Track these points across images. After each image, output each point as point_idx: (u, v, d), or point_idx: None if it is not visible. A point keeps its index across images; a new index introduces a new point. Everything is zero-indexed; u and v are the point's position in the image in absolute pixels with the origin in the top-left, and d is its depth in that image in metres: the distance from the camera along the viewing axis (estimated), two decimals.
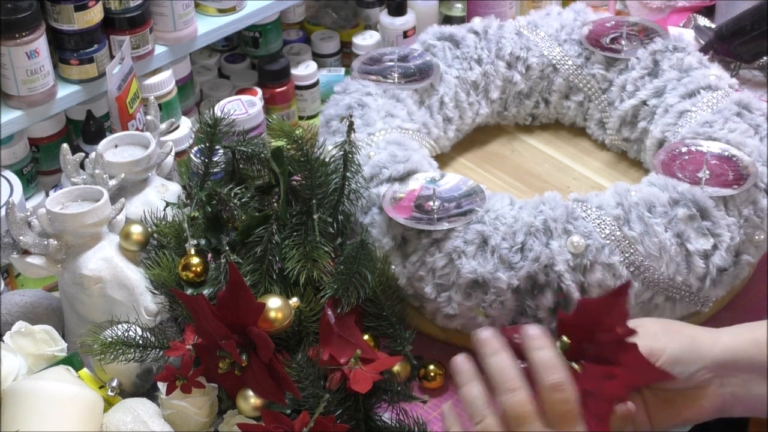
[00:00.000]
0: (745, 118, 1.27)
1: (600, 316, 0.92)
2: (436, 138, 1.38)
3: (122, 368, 1.09)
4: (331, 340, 1.08)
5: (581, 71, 1.43)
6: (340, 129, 1.27)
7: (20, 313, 1.19)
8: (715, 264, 1.16)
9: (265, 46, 1.63)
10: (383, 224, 1.18)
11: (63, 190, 1.15)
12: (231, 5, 1.50)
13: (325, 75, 1.65)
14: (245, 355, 1.03)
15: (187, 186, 1.19)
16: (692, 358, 0.96)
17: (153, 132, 1.25)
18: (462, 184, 1.19)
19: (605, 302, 0.92)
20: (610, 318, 0.92)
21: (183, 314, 1.11)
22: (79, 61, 1.35)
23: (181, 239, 1.15)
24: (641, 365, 0.92)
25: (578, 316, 0.93)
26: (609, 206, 1.15)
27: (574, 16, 1.46)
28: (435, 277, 1.15)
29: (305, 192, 1.15)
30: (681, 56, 1.37)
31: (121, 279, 1.13)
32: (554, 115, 1.48)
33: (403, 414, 1.10)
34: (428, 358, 1.19)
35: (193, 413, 1.07)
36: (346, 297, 1.09)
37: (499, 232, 1.13)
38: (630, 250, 1.13)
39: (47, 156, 1.42)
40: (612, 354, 0.92)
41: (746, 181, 1.18)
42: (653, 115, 1.36)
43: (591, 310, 0.93)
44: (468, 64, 1.42)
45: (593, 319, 0.92)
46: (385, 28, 1.65)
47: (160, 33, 1.44)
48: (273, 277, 1.11)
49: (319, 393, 1.04)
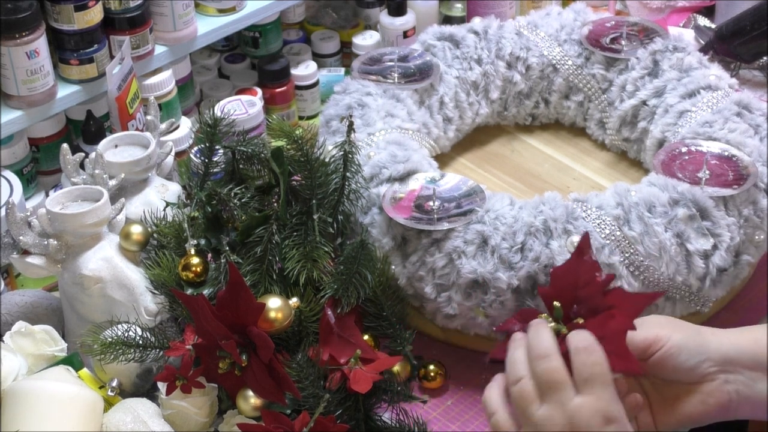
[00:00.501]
0: (745, 118, 1.27)
1: (575, 274, 0.94)
2: (436, 138, 1.38)
3: (122, 368, 1.09)
4: (331, 340, 1.08)
5: (581, 71, 1.43)
6: (340, 129, 1.27)
7: (20, 313, 1.19)
8: (715, 264, 1.16)
9: (265, 46, 1.63)
10: (383, 224, 1.18)
11: (63, 190, 1.15)
12: (231, 5, 1.50)
13: (325, 75, 1.65)
14: (245, 355, 1.03)
15: (187, 186, 1.19)
16: (697, 348, 0.96)
17: (153, 132, 1.25)
18: (462, 184, 1.19)
19: (574, 261, 0.95)
20: (584, 272, 0.94)
21: (183, 314, 1.11)
22: (79, 61, 1.35)
23: (181, 239, 1.15)
24: (631, 297, 0.95)
25: (555, 284, 0.95)
26: (609, 206, 1.15)
27: (574, 16, 1.46)
28: (435, 277, 1.15)
29: (305, 192, 1.15)
30: (681, 56, 1.37)
31: (121, 279, 1.13)
32: (554, 115, 1.48)
33: (403, 414, 1.10)
34: (428, 358, 1.19)
35: (193, 413, 1.07)
36: (346, 297, 1.09)
37: (499, 232, 1.13)
38: (630, 250, 1.13)
39: (47, 156, 1.42)
40: (601, 302, 0.94)
41: (746, 181, 1.18)
42: (653, 115, 1.36)
43: (564, 274, 0.95)
44: (468, 64, 1.42)
45: (570, 280, 0.94)
46: (385, 28, 1.65)
47: (160, 33, 1.44)
48: (273, 277, 1.11)
49: (319, 393, 1.04)
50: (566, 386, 0.88)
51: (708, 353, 0.96)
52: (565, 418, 0.87)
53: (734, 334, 0.98)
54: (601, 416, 0.87)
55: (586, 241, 0.94)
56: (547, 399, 0.88)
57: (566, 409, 0.87)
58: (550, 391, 0.88)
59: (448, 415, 1.17)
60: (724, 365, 0.96)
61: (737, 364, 0.96)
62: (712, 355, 0.96)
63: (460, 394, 1.19)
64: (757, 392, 0.97)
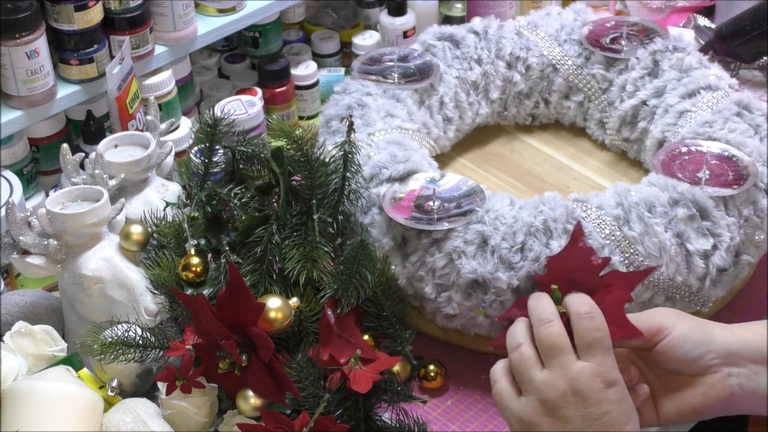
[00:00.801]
0: (745, 118, 1.27)
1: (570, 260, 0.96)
2: (436, 138, 1.38)
3: (122, 368, 1.09)
4: (331, 340, 1.08)
5: (581, 71, 1.43)
6: (340, 129, 1.27)
7: (20, 313, 1.19)
8: (715, 264, 1.16)
9: (265, 46, 1.63)
10: (383, 224, 1.18)
11: (63, 190, 1.15)
12: (231, 5, 1.50)
13: (325, 75, 1.65)
14: (245, 355, 1.03)
15: (187, 186, 1.19)
16: (702, 340, 0.96)
17: (153, 132, 1.25)
18: (462, 184, 1.19)
19: (569, 247, 0.97)
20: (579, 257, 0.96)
21: (183, 314, 1.11)
22: (79, 61, 1.35)
23: (181, 239, 1.15)
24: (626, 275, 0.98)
25: (552, 270, 0.97)
26: (609, 206, 1.15)
27: (574, 16, 1.46)
28: (435, 277, 1.15)
29: (305, 192, 1.15)
30: (681, 56, 1.37)
31: (121, 279, 1.13)
32: (554, 115, 1.48)
33: (403, 414, 1.10)
34: (428, 358, 1.19)
35: (193, 413, 1.07)
36: (346, 297, 1.09)
37: (499, 232, 1.13)
38: (630, 250, 1.13)
39: (47, 156, 1.42)
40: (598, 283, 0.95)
41: (746, 181, 1.18)
42: (653, 115, 1.36)
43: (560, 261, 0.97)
44: (468, 64, 1.42)
45: (566, 265, 0.96)
46: (385, 28, 1.65)
47: (160, 33, 1.44)
48: (273, 277, 1.11)
49: (319, 393, 1.04)
50: (568, 350, 0.89)
51: (712, 345, 0.96)
52: (566, 381, 0.88)
53: (740, 329, 0.99)
54: (601, 380, 0.88)
55: (579, 228, 0.95)
56: (549, 363, 0.89)
57: (567, 373, 0.88)
58: (552, 355, 0.89)
59: (448, 415, 1.17)
60: (728, 358, 0.96)
61: (741, 357, 0.97)
62: (717, 347, 0.96)
63: (460, 394, 1.19)
64: (760, 386, 0.97)
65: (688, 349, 0.96)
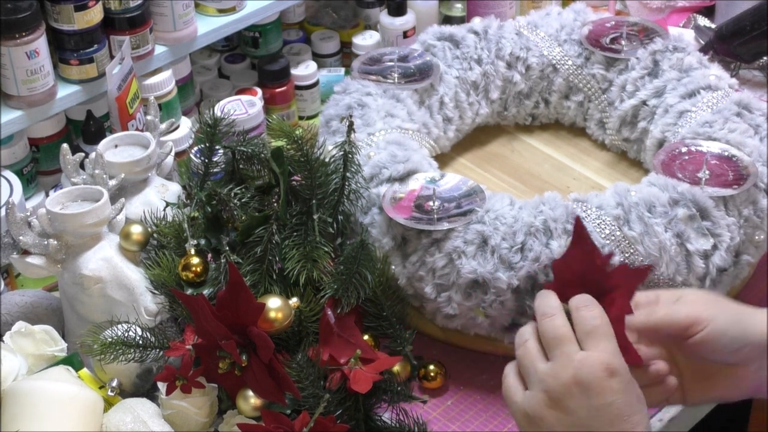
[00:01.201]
0: (745, 118, 1.27)
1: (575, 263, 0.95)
2: (436, 138, 1.38)
3: (122, 368, 1.09)
4: (331, 340, 1.08)
5: (581, 71, 1.43)
6: (340, 129, 1.27)
7: (20, 313, 1.19)
8: (715, 264, 1.16)
9: (265, 46, 1.63)
10: (383, 224, 1.18)
11: (63, 190, 1.15)
12: (231, 5, 1.50)
13: (325, 75, 1.65)
14: (245, 355, 1.03)
15: (187, 186, 1.19)
16: (740, 333, 0.95)
17: (153, 132, 1.25)
18: (462, 184, 1.19)
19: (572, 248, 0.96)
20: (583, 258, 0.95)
21: (183, 314, 1.11)
22: (79, 61, 1.35)
23: (181, 239, 1.15)
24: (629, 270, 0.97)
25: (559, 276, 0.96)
26: (609, 206, 1.15)
27: (574, 16, 1.46)
28: (435, 277, 1.15)
29: (305, 192, 1.15)
30: (681, 56, 1.37)
31: (121, 279, 1.13)
32: (554, 115, 1.48)
33: (403, 414, 1.10)
34: (428, 358, 1.19)
35: (193, 413, 1.07)
36: (346, 297, 1.09)
37: (499, 232, 1.13)
38: (630, 250, 1.13)
39: (47, 156, 1.42)
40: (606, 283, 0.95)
41: (746, 181, 1.18)
42: (653, 115, 1.36)
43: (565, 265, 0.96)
44: (468, 64, 1.42)
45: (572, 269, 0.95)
46: (385, 28, 1.65)
47: (160, 33, 1.44)
48: (273, 277, 1.11)
49: (319, 393, 1.04)
50: (570, 341, 0.90)
51: (749, 339, 0.95)
52: (569, 371, 0.88)
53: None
54: (604, 368, 0.88)
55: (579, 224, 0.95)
56: (552, 354, 0.90)
57: (570, 362, 0.88)
58: (555, 346, 0.90)
59: (448, 415, 1.17)
60: (764, 351, 0.96)
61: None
62: (754, 340, 0.95)
63: (460, 394, 1.19)
64: None
65: (725, 343, 0.95)
